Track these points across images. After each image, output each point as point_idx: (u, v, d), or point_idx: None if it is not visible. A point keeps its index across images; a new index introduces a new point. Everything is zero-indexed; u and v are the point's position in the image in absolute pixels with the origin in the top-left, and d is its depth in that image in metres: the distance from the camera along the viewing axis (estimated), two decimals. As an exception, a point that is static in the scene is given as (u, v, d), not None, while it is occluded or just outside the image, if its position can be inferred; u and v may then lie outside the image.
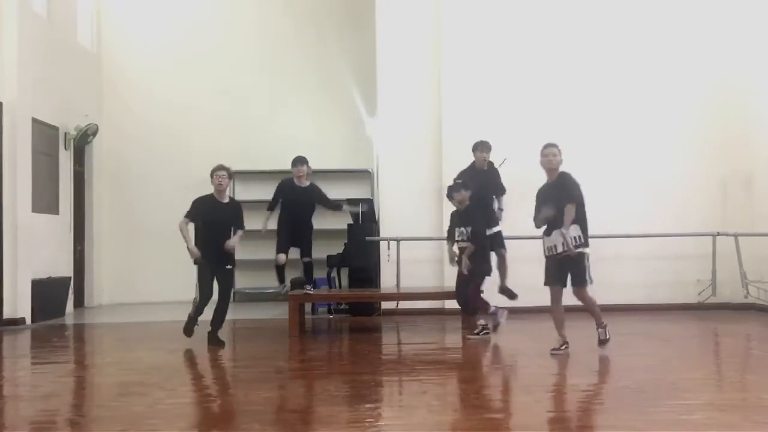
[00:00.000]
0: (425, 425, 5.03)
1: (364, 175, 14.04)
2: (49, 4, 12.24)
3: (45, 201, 11.77)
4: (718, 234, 11.13)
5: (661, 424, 4.87)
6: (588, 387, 5.96)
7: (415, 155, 11.58)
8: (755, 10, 11.38)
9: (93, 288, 13.61)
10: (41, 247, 11.37)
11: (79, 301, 13.07)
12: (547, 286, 7.50)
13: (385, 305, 11.16)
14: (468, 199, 8.59)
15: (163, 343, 8.96)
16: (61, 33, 12.64)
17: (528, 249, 9.16)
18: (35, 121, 11.35)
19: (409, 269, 11.02)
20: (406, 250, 11.06)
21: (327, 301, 11.49)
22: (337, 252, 11.95)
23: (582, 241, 7.29)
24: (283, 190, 9.32)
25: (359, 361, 7.74)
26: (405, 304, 10.91)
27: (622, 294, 11.22)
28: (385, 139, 12.03)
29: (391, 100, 11.87)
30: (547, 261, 7.45)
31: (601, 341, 7.51)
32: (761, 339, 9.21)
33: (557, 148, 7.48)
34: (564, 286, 7.47)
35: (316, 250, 13.53)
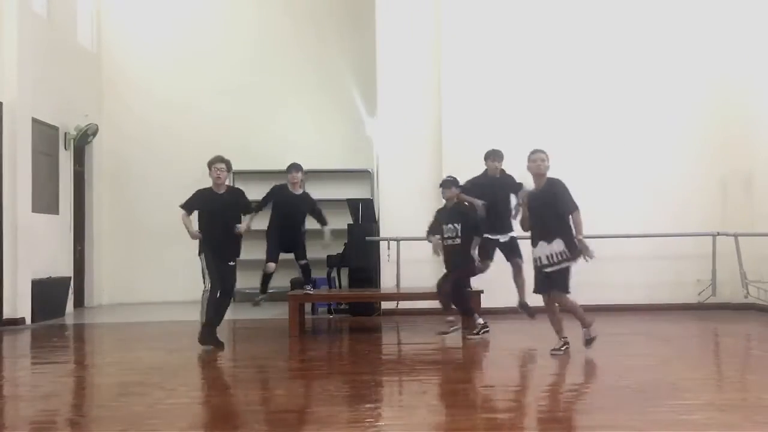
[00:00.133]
0: (425, 425, 5.03)
1: (364, 175, 14.04)
2: (49, 4, 12.25)
3: (45, 201, 11.77)
4: (718, 234, 11.13)
5: (661, 424, 4.87)
6: (588, 387, 5.95)
7: (415, 155, 11.58)
8: (755, 10, 11.39)
9: (93, 288, 13.61)
10: (41, 247, 11.37)
11: (79, 301, 13.07)
12: (536, 293, 7.52)
13: (385, 305, 11.17)
14: (457, 197, 8.59)
15: (163, 343, 8.97)
16: (61, 33, 12.64)
17: (528, 249, 9.13)
18: (35, 121, 11.35)
19: (409, 269, 11.01)
20: (406, 250, 11.06)
21: (327, 301, 11.50)
22: (337, 252, 11.95)
23: (565, 256, 7.22)
24: (276, 194, 9.28)
25: (359, 361, 7.73)
26: (405, 304, 10.91)
27: (622, 294, 11.25)
28: (385, 139, 12.03)
29: (391, 100, 11.87)
30: (535, 270, 7.44)
31: (587, 341, 7.39)
32: (761, 339, 9.21)
33: (545, 154, 7.38)
34: (548, 295, 7.44)
35: (316, 251, 13.59)
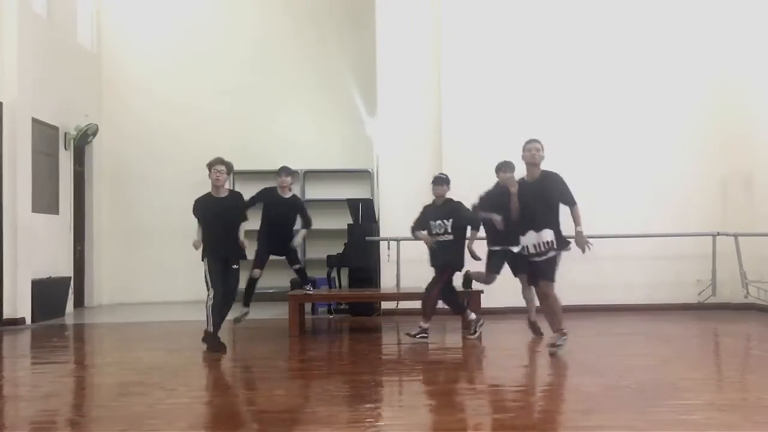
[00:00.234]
0: (425, 425, 5.03)
1: (364, 175, 14.04)
2: (49, 4, 12.25)
3: (45, 201, 11.77)
4: (718, 234, 11.14)
5: (661, 424, 4.87)
6: (588, 387, 5.95)
7: (415, 155, 11.58)
8: (755, 10, 11.39)
9: (93, 288, 13.61)
10: (41, 247, 11.37)
11: (79, 301, 13.07)
12: (516, 276, 7.72)
13: (385, 305, 11.17)
14: (445, 194, 8.58)
15: (163, 343, 8.97)
16: (61, 33, 12.64)
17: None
18: (35, 121, 11.35)
19: (409, 269, 11.01)
20: (406, 250, 11.05)
21: (327, 301, 11.49)
22: (337, 252, 11.95)
23: (553, 246, 7.24)
24: (264, 197, 9.28)
25: (359, 361, 7.73)
26: (405, 304, 10.90)
27: (622, 294, 11.26)
28: (385, 139, 12.03)
29: (391, 100, 11.88)
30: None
31: (551, 345, 7.29)
32: (761, 339, 9.21)
33: (540, 143, 7.37)
34: (536, 285, 7.47)
35: (316, 250, 13.66)
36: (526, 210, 7.32)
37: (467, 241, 8.51)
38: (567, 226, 8.43)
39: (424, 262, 8.85)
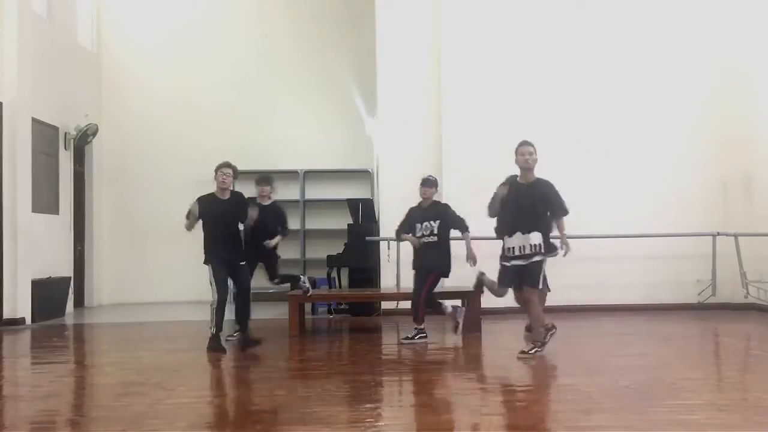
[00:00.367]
0: (425, 425, 5.03)
1: (364, 175, 14.05)
2: (49, 4, 12.25)
3: (45, 201, 11.77)
4: (718, 234, 11.14)
5: (661, 424, 4.87)
6: (588, 387, 5.95)
7: (415, 155, 11.57)
8: (755, 10, 11.39)
9: (93, 288, 13.61)
10: (41, 247, 11.37)
11: (79, 301, 13.08)
12: (505, 287, 7.49)
13: (385, 305, 11.16)
14: (432, 197, 8.52)
15: (163, 343, 8.97)
16: (61, 33, 12.65)
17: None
18: (35, 121, 11.35)
19: (409, 269, 10.94)
20: (406, 251, 11.02)
21: (327, 301, 11.49)
22: (337, 252, 11.95)
23: (540, 250, 7.21)
24: None
25: (359, 361, 7.73)
26: (405, 304, 10.89)
27: (622, 294, 11.26)
28: (385, 139, 12.03)
29: (391, 100, 11.88)
30: (502, 267, 7.39)
31: (523, 352, 7.24)
32: (761, 339, 9.21)
33: (533, 147, 7.33)
34: (518, 288, 7.41)
35: (316, 250, 13.66)
36: (517, 212, 7.25)
37: (466, 241, 8.43)
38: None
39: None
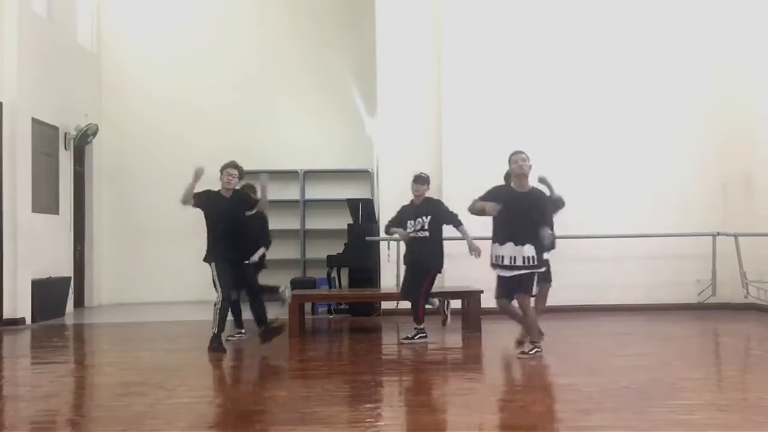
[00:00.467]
0: (425, 425, 5.03)
1: (364, 175, 14.05)
2: (49, 4, 12.25)
3: (45, 201, 11.77)
4: (718, 234, 11.14)
5: (661, 424, 4.87)
6: (588, 387, 5.95)
7: (415, 155, 11.57)
8: (755, 10, 11.39)
9: (93, 288, 13.61)
10: (41, 247, 11.37)
11: (79, 301, 13.07)
12: (495, 298, 7.46)
13: (385, 305, 11.16)
14: (425, 194, 8.49)
15: (163, 343, 8.97)
16: (61, 33, 12.64)
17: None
18: (35, 121, 11.35)
19: (409, 269, 11.00)
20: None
21: (327, 301, 11.49)
22: (337, 252, 11.95)
23: (534, 263, 7.20)
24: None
25: (359, 361, 7.73)
26: (405, 304, 10.88)
27: (622, 294, 11.27)
28: (385, 139, 12.03)
29: (391, 100, 11.88)
30: (498, 276, 7.35)
31: (523, 352, 7.27)
32: (761, 339, 9.20)
33: (525, 154, 7.28)
34: (511, 300, 7.39)
35: (316, 250, 13.66)
36: (511, 220, 7.19)
37: (464, 235, 8.22)
38: (566, 226, 8.49)
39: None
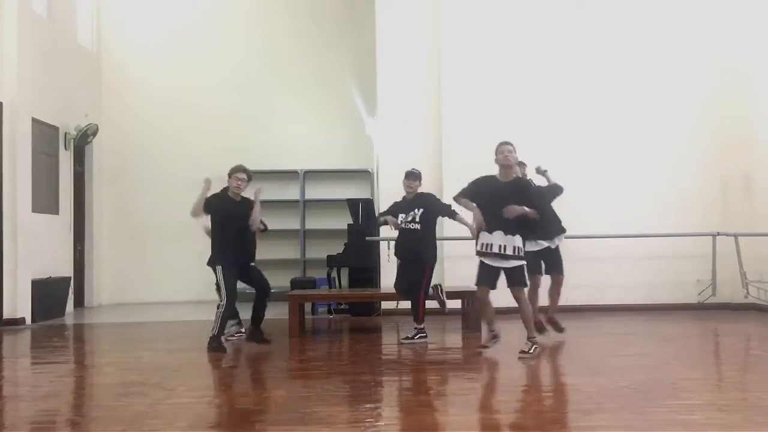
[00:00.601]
0: (425, 425, 5.03)
1: (364, 175, 14.05)
2: (49, 4, 12.25)
3: (45, 201, 11.77)
4: (718, 234, 11.14)
5: (661, 424, 4.87)
6: (588, 387, 5.95)
7: (415, 155, 11.55)
8: (755, 10, 11.39)
9: (93, 288, 13.61)
10: (41, 247, 11.37)
11: (79, 301, 13.07)
12: (477, 285, 7.41)
13: (385, 305, 11.16)
14: (417, 189, 8.50)
15: (163, 343, 8.97)
16: (61, 33, 12.64)
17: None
18: (35, 121, 11.35)
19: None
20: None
21: (327, 301, 11.49)
22: (337, 252, 11.95)
23: (521, 253, 7.22)
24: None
25: (359, 361, 7.73)
26: (405, 304, 10.88)
27: (622, 294, 11.27)
28: (385, 139, 12.03)
29: (391, 100, 11.88)
30: (481, 262, 7.34)
31: (523, 352, 7.28)
32: (761, 339, 9.20)
33: (512, 145, 7.33)
34: (493, 288, 7.38)
35: (316, 250, 13.66)
36: (496, 210, 7.19)
37: (461, 223, 8.16)
38: (566, 226, 8.50)
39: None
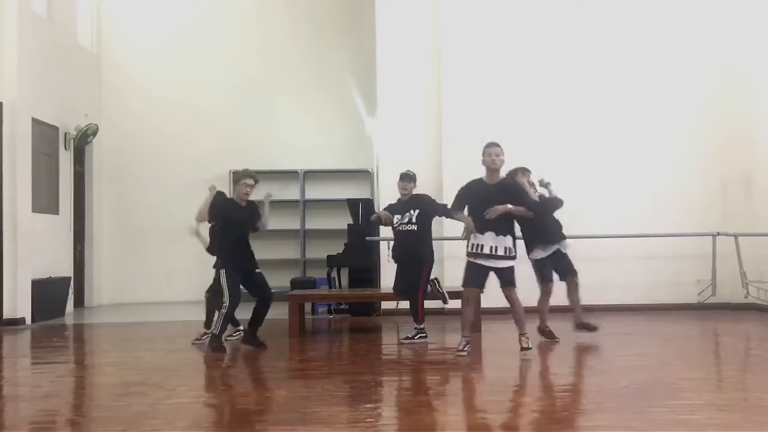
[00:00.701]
0: (425, 425, 5.03)
1: (364, 175, 14.05)
2: (49, 4, 12.25)
3: (45, 201, 11.77)
4: (718, 234, 11.13)
5: (661, 424, 4.87)
6: (588, 387, 5.95)
7: (415, 155, 11.57)
8: (755, 10, 11.39)
9: (93, 288, 13.61)
10: (41, 247, 11.37)
11: (79, 301, 13.07)
12: (464, 287, 7.40)
13: (385, 305, 11.16)
14: (412, 191, 8.48)
15: (163, 343, 8.97)
16: (61, 33, 12.65)
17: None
18: (35, 121, 11.35)
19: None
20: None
21: (327, 301, 11.49)
22: (337, 252, 11.95)
23: (512, 254, 7.27)
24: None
25: (359, 361, 7.73)
26: (405, 304, 10.88)
27: (622, 294, 11.26)
28: (385, 139, 12.03)
29: (391, 100, 11.88)
30: (470, 263, 7.34)
31: (523, 348, 7.37)
32: (761, 339, 9.20)
33: (500, 148, 7.33)
34: (481, 288, 7.42)
35: (316, 250, 13.66)
36: (483, 212, 7.22)
37: (463, 220, 7.87)
38: (566, 226, 8.50)
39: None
